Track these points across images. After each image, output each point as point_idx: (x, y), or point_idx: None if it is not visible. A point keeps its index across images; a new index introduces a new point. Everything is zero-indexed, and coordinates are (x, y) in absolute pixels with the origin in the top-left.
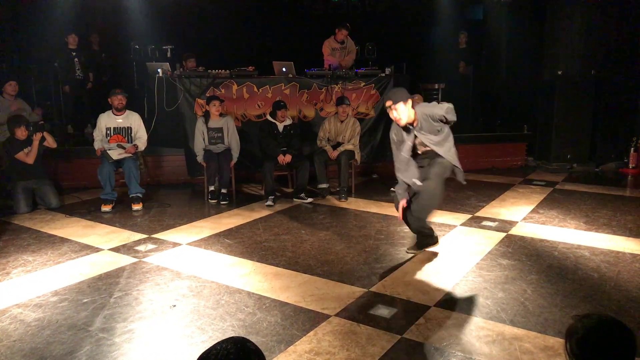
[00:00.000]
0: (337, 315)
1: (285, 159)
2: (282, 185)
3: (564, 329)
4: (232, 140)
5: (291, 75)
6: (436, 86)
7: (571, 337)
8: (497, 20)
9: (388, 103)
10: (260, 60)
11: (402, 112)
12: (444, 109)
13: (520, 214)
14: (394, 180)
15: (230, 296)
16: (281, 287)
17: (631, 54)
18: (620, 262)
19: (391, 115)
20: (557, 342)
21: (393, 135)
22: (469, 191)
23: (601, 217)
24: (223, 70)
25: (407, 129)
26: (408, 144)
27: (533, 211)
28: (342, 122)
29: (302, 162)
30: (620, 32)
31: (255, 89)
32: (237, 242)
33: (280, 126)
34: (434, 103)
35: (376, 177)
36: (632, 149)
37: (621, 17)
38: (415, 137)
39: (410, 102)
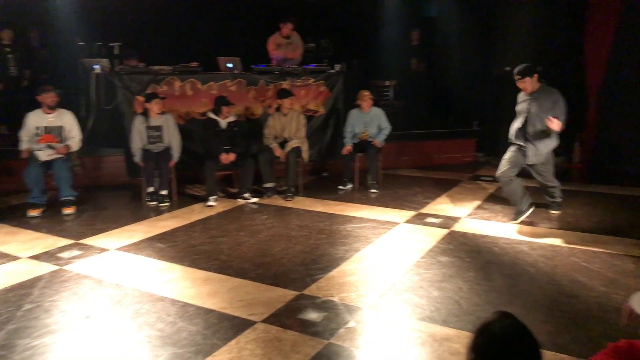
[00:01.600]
0: (263, 321)
1: (228, 157)
2: (227, 185)
3: None
4: (173, 138)
5: (237, 72)
6: (387, 83)
7: (477, 338)
8: (449, 17)
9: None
10: (204, 56)
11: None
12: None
13: (465, 210)
14: (343, 178)
15: (152, 305)
16: (209, 293)
17: (575, 50)
18: (558, 256)
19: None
20: None
21: None
22: (416, 188)
23: (543, 212)
24: (165, 67)
25: None
26: None
27: (478, 207)
28: (285, 115)
29: (247, 160)
30: (565, 28)
31: (200, 86)
32: (169, 246)
33: (224, 123)
34: None
35: (327, 176)
36: (577, 144)
37: (566, 14)
38: None
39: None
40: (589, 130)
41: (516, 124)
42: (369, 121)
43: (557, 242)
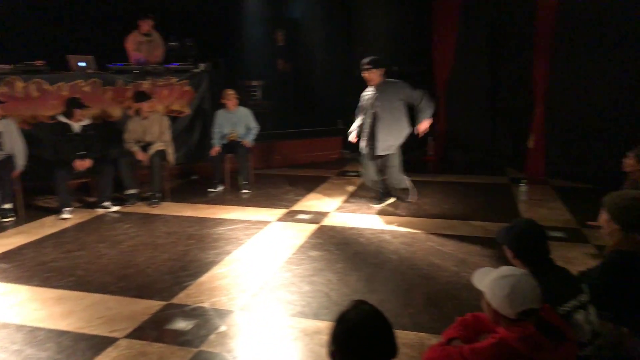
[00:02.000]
0: (127, 336)
1: (83, 164)
2: (84, 194)
3: None
4: (15, 146)
5: (91, 71)
6: (255, 83)
7: (335, 328)
8: (312, 19)
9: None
10: (51, 54)
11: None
12: None
13: (334, 204)
14: (214, 180)
15: None
16: (62, 313)
17: (426, 49)
18: (416, 242)
19: None
20: None
21: None
22: (287, 186)
23: (403, 202)
24: (4, 65)
25: None
26: None
27: (345, 201)
28: (146, 119)
29: (105, 166)
30: (417, 28)
31: (47, 87)
32: (15, 265)
33: (77, 127)
34: None
35: (196, 179)
36: (430, 138)
37: (415, 18)
38: None
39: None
40: (440, 125)
41: (359, 122)
42: (236, 121)
43: (415, 229)
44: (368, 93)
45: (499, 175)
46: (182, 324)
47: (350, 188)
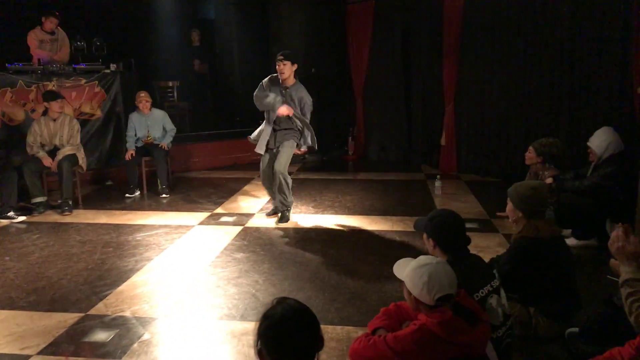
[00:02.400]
0: (39, 353)
1: None
2: None
3: None
4: None
5: None
6: (170, 84)
7: (260, 325)
8: (227, 19)
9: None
10: None
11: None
12: None
13: (258, 205)
14: (130, 185)
15: None
16: None
17: (343, 52)
18: (340, 239)
19: None
20: None
21: None
22: (209, 189)
23: (326, 200)
24: None
25: None
26: None
27: (269, 201)
28: (55, 120)
29: (7, 173)
30: (333, 31)
31: None
32: None
33: None
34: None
35: (111, 184)
36: (350, 137)
37: (331, 21)
38: None
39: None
40: (359, 126)
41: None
42: (151, 124)
43: (339, 226)
44: (274, 87)
45: (415, 172)
46: (101, 335)
47: None
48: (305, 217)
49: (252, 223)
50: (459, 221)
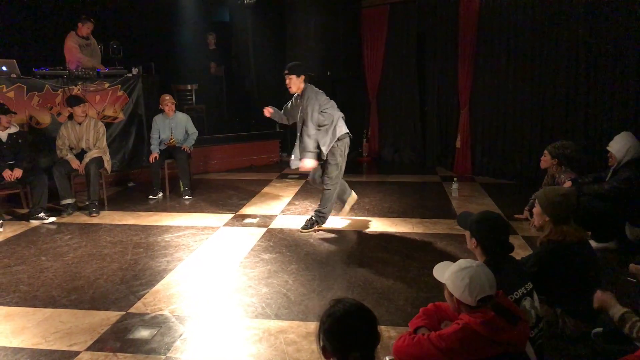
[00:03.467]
0: (88, 349)
1: (13, 174)
2: (14, 205)
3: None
4: None
5: (15, 76)
6: (189, 87)
7: (322, 325)
8: (243, 22)
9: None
10: None
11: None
12: None
13: (279, 207)
14: (153, 187)
15: None
16: (14, 330)
17: (358, 55)
18: (363, 240)
19: None
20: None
21: None
22: (229, 190)
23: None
24: None
25: None
26: None
27: (290, 203)
28: (80, 124)
29: (38, 176)
30: (347, 37)
31: None
32: None
33: (4, 135)
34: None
35: (133, 186)
36: (364, 140)
37: (346, 25)
38: None
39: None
40: (373, 128)
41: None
42: (175, 126)
43: (360, 228)
44: (294, 99)
45: (430, 174)
46: (144, 333)
47: (292, 191)
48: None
49: (275, 224)
50: (504, 226)
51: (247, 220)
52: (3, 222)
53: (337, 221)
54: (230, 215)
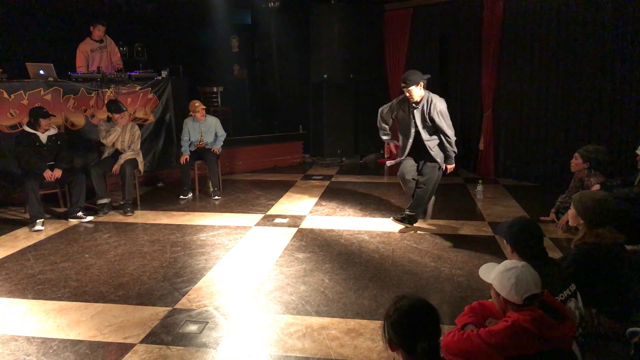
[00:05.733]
0: (142, 342)
1: (54, 174)
2: (52, 205)
3: (360, 310)
4: None
5: (52, 79)
6: (215, 89)
7: (388, 319)
8: (266, 25)
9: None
10: (7, 62)
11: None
12: None
13: (307, 207)
14: (184, 188)
15: (4, 346)
16: (69, 323)
17: (379, 58)
18: (393, 241)
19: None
20: (357, 324)
21: None
22: (257, 191)
23: (371, 203)
24: None
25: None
26: None
27: (317, 204)
28: (119, 127)
29: (76, 176)
30: (371, 37)
31: (6, 95)
32: (3, 279)
33: (44, 137)
34: None
35: (162, 186)
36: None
37: (369, 28)
38: None
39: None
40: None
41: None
42: (205, 129)
43: (389, 228)
44: (403, 107)
45: (452, 175)
46: (192, 328)
47: (318, 191)
48: (354, 219)
49: (305, 224)
50: (534, 231)
51: (277, 220)
52: (44, 221)
53: (364, 222)
54: (260, 215)
